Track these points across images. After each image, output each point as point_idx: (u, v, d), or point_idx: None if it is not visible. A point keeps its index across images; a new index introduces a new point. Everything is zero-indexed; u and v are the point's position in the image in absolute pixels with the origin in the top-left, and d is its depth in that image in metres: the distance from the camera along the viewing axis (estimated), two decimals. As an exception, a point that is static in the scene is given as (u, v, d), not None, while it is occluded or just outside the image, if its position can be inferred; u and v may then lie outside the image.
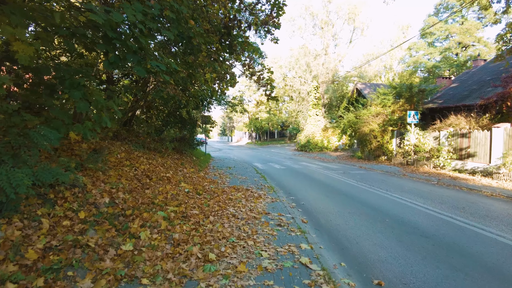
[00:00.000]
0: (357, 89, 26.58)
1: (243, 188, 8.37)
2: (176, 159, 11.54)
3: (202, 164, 13.70)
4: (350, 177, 11.79)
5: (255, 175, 11.47)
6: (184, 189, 7.42)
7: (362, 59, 39.18)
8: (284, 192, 8.46)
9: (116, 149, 7.84)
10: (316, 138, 29.00)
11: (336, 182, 10.56)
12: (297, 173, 12.96)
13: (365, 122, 18.79)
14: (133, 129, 11.09)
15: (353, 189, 9.06)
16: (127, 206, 4.49)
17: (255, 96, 54.33)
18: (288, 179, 11.24)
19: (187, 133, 13.32)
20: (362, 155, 20.75)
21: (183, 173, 9.47)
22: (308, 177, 11.71)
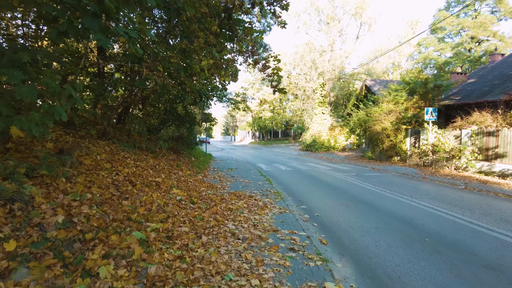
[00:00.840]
0: (366, 85, 25.28)
1: (246, 194, 7.21)
2: (171, 160, 10.41)
3: (201, 166, 12.56)
4: (365, 180, 10.57)
5: (259, 178, 10.31)
6: (175, 196, 6.28)
7: (369, 56, 37.82)
8: (294, 200, 7.28)
9: (98, 149, 6.72)
10: (322, 137, 27.75)
11: (350, 186, 9.36)
12: (306, 176, 11.77)
13: (377, 120, 17.52)
14: (124, 127, 9.98)
15: (372, 196, 7.85)
16: (89, 226, 3.35)
17: (259, 95, 53.21)
18: (296, 182, 10.06)
19: (185, 131, 12.20)
20: (373, 155, 19.49)
21: (177, 177, 8.34)
22: (318, 181, 10.51)
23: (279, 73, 7.19)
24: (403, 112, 17.35)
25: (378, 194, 8.10)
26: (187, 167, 10.59)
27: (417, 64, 38.57)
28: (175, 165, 9.86)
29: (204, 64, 6.19)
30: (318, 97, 29.95)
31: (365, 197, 7.68)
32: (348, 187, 9.13)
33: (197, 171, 10.64)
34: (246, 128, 66.98)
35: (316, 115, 29.87)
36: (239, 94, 19.40)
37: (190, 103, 10.27)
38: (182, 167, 9.98)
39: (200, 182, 8.63)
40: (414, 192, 8.37)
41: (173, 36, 8.28)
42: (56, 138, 6.04)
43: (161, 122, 12.65)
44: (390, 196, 7.75)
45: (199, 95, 10.73)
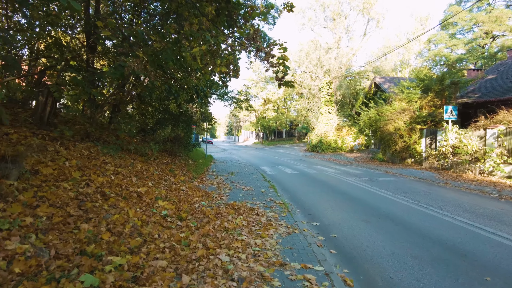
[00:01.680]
0: (376, 83, 24.03)
1: (246, 206, 6.09)
2: (164, 164, 9.34)
3: (199, 169, 11.48)
4: (381, 186, 9.39)
5: (263, 184, 9.19)
6: (160, 211, 5.20)
7: (378, 53, 36.47)
8: (303, 213, 6.14)
9: (70, 154, 5.67)
10: (329, 137, 26.53)
11: (366, 194, 8.19)
12: (314, 181, 10.61)
13: (389, 120, 16.29)
14: (111, 126, 8.93)
15: (394, 207, 6.68)
16: (7, 275, 2.26)
17: (263, 94, 52.12)
18: (304, 189, 8.92)
19: (181, 132, 11.13)
20: (384, 157, 18.25)
21: (168, 184, 7.25)
22: (328, 187, 9.36)
23: (285, 63, 6.06)
24: (418, 111, 16.10)
25: (401, 205, 6.92)
26: (182, 171, 9.51)
27: (426, 62, 37.14)
28: (167, 169, 8.79)
29: (196, 51, 5.10)
30: (324, 95, 28.74)
31: (387, 209, 6.51)
32: (364, 196, 7.96)
33: (193, 176, 9.56)
34: (250, 128, 65.92)
35: (322, 115, 28.66)
36: (242, 93, 18.30)
37: (185, 100, 9.20)
38: (176, 172, 8.91)
39: (194, 190, 7.54)
40: (442, 202, 7.18)
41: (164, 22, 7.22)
42: (17, 141, 5.00)
43: (157, 122, 11.61)
44: (415, 208, 6.58)
45: (195, 92, 9.66)
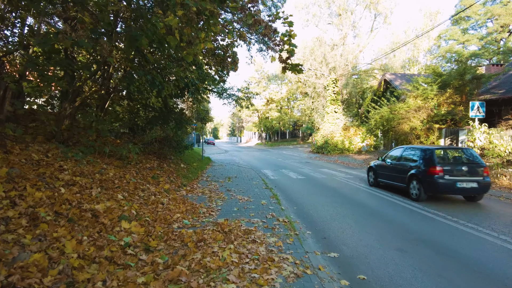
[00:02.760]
0: (386, 80, 22.52)
1: (240, 227, 4.67)
2: (148, 169, 7.95)
3: (192, 174, 10.08)
4: (399, 193, 7.93)
5: (264, 193, 7.76)
6: (122, 237, 3.81)
7: (386, 50, 34.89)
8: (315, 237, 4.70)
9: (7, 159, 4.31)
10: (335, 138, 25.03)
11: (389, 207, 6.73)
12: (323, 188, 9.17)
13: (404, 119, 14.79)
14: (79, 125, 7.57)
15: (428, 226, 5.22)
16: None
17: (265, 94, 50.74)
18: (313, 200, 7.48)
19: (171, 131, 9.75)
20: (397, 159, 16.70)
21: (145, 195, 5.87)
22: (341, 197, 7.91)
23: (291, 41, 4.63)
24: (435, 109, 14.58)
25: (435, 222, 5.46)
26: (169, 178, 8.12)
27: (435, 59, 35.48)
28: (150, 176, 7.40)
29: (171, 19, 3.70)
30: (330, 94, 27.25)
31: (420, 229, 5.05)
32: (387, 209, 6.50)
33: (182, 183, 8.15)
34: (252, 129, 64.54)
35: (328, 114, 27.17)
36: (242, 90, 16.92)
37: (171, 94, 7.82)
38: (161, 179, 7.51)
39: (179, 202, 6.13)
40: (488, 219, 5.71)
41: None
42: None
43: (149, 122, 10.24)
44: (456, 228, 5.11)
45: (185, 85, 8.29)
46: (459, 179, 6.83)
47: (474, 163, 7.20)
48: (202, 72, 8.86)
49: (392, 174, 8.43)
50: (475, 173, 6.92)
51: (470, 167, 6.99)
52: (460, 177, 6.85)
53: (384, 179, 8.85)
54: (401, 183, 7.82)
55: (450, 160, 7.86)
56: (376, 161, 9.86)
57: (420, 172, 7.18)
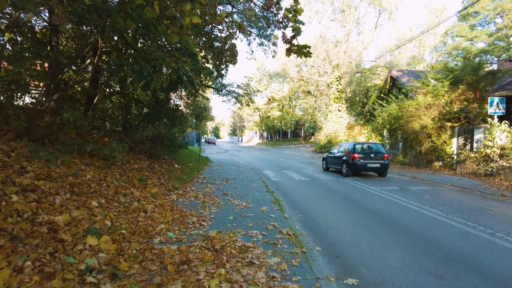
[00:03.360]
0: (392, 77, 21.62)
1: (237, 243, 3.85)
2: (135, 171, 7.14)
3: (187, 175, 9.27)
4: (419, 199, 7.09)
5: (264, 197, 6.94)
6: (84, 258, 2.99)
7: (391, 47, 33.97)
8: (327, 255, 3.88)
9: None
10: (339, 137, 24.16)
11: (408, 214, 5.90)
12: (330, 191, 8.33)
13: (414, 116, 13.92)
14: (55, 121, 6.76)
15: (463, 241, 4.39)
16: None
17: (267, 92, 49.92)
18: (320, 206, 6.65)
19: (163, 129, 8.93)
20: (405, 159, 15.87)
21: (127, 201, 5.05)
22: (351, 201, 7.08)
23: (296, 17, 3.78)
24: (448, 106, 13.71)
25: (469, 235, 4.62)
26: (159, 180, 7.30)
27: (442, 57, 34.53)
28: (137, 178, 6.59)
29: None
30: (333, 92, 26.38)
31: (454, 244, 4.21)
32: (406, 217, 5.66)
33: (173, 185, 7.34)
34: (254, 128, 63.75)
35: (332, 113, 26.30)
36: (243, 87, 16.10)
37: (162, 87, 7.00)
38: (149, 182, 6.70)
39: (166, 209, 5.31)
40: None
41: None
42: None
43: (144, 119, 9.44)
44: (496, 243, 4.27)
45: (178, 77, 7.48)
46: (369, 161, 10.93)
47: (379, 152, 11.27)
48: (197, 64, 8.04)
49: (334, 161, 12.53)
50: (379, 158, 11.05)
51: (376, 154, 11.09)
52: (369, 161, 10.95)
53: (331, 165, 12.97)
54: (339, 166, 11.96)
55: (365, 150, 11.37)
56: (326, 154, 13.88)
57: (347, 158, 11.21)
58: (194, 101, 10.96)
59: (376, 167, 10.97)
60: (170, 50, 7.69)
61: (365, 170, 11.14)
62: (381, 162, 10.99)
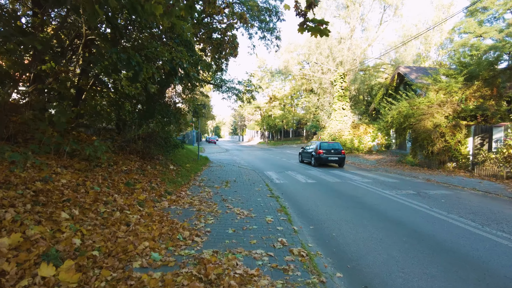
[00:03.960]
0: (400, 74, 20.78)
1: (235, 268, 3.04)
2: (123, 173, 6.35)
3: (182, 178, 8.47)
4: (443, 206, 6.27)
5: (268, 203, 6.13)
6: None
7: (396, 44, 33.08)
8: (350, 284, 3.06)
9: None
10: (343, 137, 23.33)
11: (433, 224, 5.08)
12: (341, 196, 7.52)
13: (426, 114, 13.08)
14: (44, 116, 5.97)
15: (507, 259, 3.58)
16: None
17: (268, 91, 49.09)
18: (332, 214, 5.84)
19: (157, 126, 8.13)
20: (415, 159, 15.04)
21: (108, 211, 4.25)
22: (367, 208, 6.26)
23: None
24: (462, 103, 12.86)
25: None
26: (151, 184, 6.50)
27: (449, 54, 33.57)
28: (124, 182, 5.79)
29: None
30: (337, 89, 25.54)
31: (508, 269, 3.40)
32: (434, 229, 4.84)
33: (166, 190, 6.53)
34: (255, 127, 62.91)
35: (336, 111, 25.45)
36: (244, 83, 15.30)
37: (153, 79, 6.19)
38: (137, 186, 5.90)
39: (154, 220, 4.51)
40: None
41: None
42: None
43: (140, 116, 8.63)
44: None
45: (172, 69, 6.67)
46: (330, 155, 14.15)
47: (338, 149, 14.46)
48: (193, 54, 7.22)
49: (306, 155, 16.00)
50: (337, 153, 14.22)
51: (335, 150, 14.28)
52: (330, 155, 14.16)
53: (304, 159, 16.47)
54: (309, 159, 15.34)
55: (327, 148, 14.51)
56: (301, 150, 17.26)
57: (314, 153, 14.46)
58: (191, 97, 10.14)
59: (335, 160, 14.40)
60: (163, 38, 6.88)
61: (327, 162, 14.46)
62: (339, 156, 14.43)
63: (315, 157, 14.43)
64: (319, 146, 14.55)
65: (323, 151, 14.24)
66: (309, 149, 15.81)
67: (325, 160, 14.23)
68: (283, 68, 36.70)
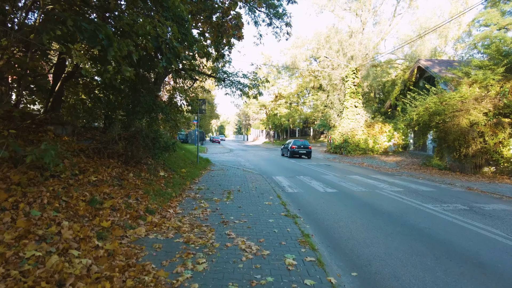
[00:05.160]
0: (420, 67, 18.94)
1: None
2: (91, 186, 4.75)
3: (174, 188, 6.85)
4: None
5: (284, 229, 4.50)
6: None
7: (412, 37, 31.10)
8: None
9: None
10: (357, 136, 21.56)
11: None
12: (375, 214, 5.85)
13: (461, 111, 11.31)
14: None
15: None
16: None
17: (274, 89, 47.39)
18: (376, 246, 4.18)
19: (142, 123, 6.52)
20: (443, 162, 13.27)
21: (35, 255, 2.65)
22: (417, 233, 4.59)
23: None
24: (505, 98, 11.06)
25: None
26: (128, 199, 4.90)
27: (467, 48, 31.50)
28: (87, 200, 4.19)
29: None
30: (349, 86, 23.73)
31: None
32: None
33: (148, 207, 4.92)
34: (260, 126, 61.27)
35: (347, 109, 23.65)
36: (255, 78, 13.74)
37: (129, 58, 4.60)
38: (106, 204, 4.30)
39: (114, 267, 2.90)
40: None
41: None
42: None
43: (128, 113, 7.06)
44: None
45: (157, 48, 5.09)
46: (300, 149, 19.74)
47: (306, 145, 19.99)
48: (185, 31, 5.61)
49: (285, 150, 21.21)
50: (305, 148, 19.84)
51: (304, 146, 19.91)
52: (300, 149, 19.75)
53: (284, 152, 21.65)
54: (286, 153, 20.66)
55: (298, 143, 20.13)
56: (282, 146, 22.84)
57: (289, 148, 20.06)
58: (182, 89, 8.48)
59: (304, 152, 19.88)
60: (149, 9, 5.28)
61: (298, 155, 20.04)
62: (307, 150, 19.91)
63: (290, 150, 20.09)
64: (292, 143, 20.44)
65: (295, 146, 20.00)
66: (287, 145, 21.22)
67: (297, 153, 19.89)
68: (290, 64, 34.96)
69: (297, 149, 19.72)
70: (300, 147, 19.75)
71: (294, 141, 20.48)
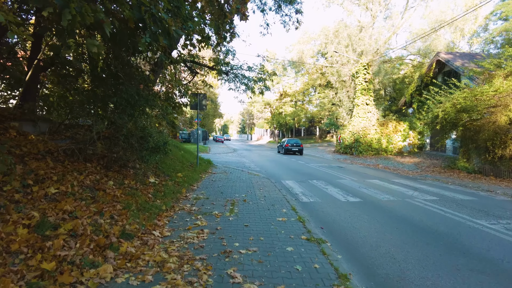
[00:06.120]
0: (440, 61, 17.49)
1: None
2: (49, 201, 3.53)
3: (164, 199, 5.62)
4: None
5: (310, 261, 3.25)
6: None
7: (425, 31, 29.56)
8: None
9: None
10: (369, 136, 20.19)
11: None
12: (417, 231, 4.56)
13: (497, 106, 9.93)
14: None
15: None
16: None
17: (279, 87, 46.07)
18: (437, 284, 2.86)
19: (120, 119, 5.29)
20: (471, 165, 11.88)
21: None
22: (477, 260, 3.28)
23: None
24: (549, 91, 9.66)
25: None
26: (99, 218, 3.67)
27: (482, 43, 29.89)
28: (32, 224, 2.96)
29: None
30: (360, 82, 22.34)
31: None
32: None
33: (125, 229, 3.68)
34: (264, 125, 59.94)
35: (358, 107, 22.26)
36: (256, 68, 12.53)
37: (100, 29, 3.40)
38: (62, 229, 3.07)
39: None
40: None
41: None
42: None
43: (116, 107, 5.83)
44: None
45: (139, 19, 3.88)
46: (293, 147, 22.87)
47: (298, 143, 23.28)
48: (178, 3, 4.37)
49: (280, 148, 24.56)
50: (298, 146, 22.96)
51: (296, 144, 23.16)
52: (293, 147, 22.88)
53: (279, 150, 24.86)
54: (281, 150, 23.98)
55: (292, 142, 23.36)
56: (278, 144, 26.52)
57: (284, 146, 23.39)
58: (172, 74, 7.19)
59: (296, 150, 22.61)
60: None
61: (292, 152, 22.69)
62: (299, 148, 22.62)
63: (284, 148, 23.01)
64: (286, 141, 23.42)
65: (289, 144, 22.88)
66: (282, 144, 24.04)
67: (290, 150, 22.67)
68: (296, 59, 33.59)
69: (290, 146, 22.72)
70: (293, 145, 22.77)
71: (288, 140, 23.71)
